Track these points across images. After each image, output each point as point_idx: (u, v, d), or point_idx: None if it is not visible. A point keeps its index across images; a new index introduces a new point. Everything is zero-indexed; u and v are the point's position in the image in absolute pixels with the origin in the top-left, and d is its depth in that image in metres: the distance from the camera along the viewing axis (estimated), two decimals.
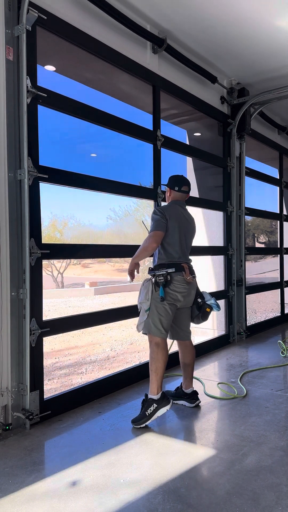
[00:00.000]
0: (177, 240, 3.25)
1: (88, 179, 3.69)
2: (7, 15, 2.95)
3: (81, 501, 2.16)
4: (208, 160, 5.47)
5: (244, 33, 4.40)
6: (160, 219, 3.18)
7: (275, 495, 2.18)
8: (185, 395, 3.43)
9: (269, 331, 6.45)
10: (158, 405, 3.05)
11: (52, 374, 5.65)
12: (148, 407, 3.05)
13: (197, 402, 3.42)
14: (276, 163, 7.42)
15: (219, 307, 3.42)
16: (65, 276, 24.43)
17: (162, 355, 3.14)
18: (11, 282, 2.98)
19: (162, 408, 3.05)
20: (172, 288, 3.17)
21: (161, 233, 3.16)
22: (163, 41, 4.28)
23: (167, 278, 3.15)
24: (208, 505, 2.11)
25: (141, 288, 3.28)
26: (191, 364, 3.46)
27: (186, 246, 3.35)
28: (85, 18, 3.59)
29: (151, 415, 3.03)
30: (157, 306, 3.15)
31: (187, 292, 3.25)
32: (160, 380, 3.11)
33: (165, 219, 3.19)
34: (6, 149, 2.94)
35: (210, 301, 3.37)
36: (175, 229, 3.23)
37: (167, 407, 3.07)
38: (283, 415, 3.21)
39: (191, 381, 3.47)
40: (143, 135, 4.27)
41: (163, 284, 3.13)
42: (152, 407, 3.04)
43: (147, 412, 3.04)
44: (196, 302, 3.36)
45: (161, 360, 3.12)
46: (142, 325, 3.21)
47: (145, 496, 2.19)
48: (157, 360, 3.12)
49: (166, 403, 3.07)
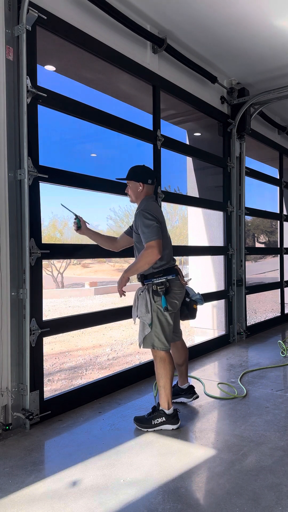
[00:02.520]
0: (167, 242, 3.05)
1: (88, 179, 3.69)
2: (7, 15, 2.95)
3: (81, 501, 2.16)
4: (208, 160, 5.47)
5: (244, 33, 4.40)
6: (156, 224, 2.86)
7: (275, 495, 2.18)
8: (182, 391, 3.43)
9: (269, 331, 6.45)
10: (167, 420, 2.98)
11: (54, 375, 5.65)
12: (157, 418, 2.99)
13: (195, 396, 3.40)
14: (276, 163, 7.42)
15: (203, 301, 3.26)
16: (65, 276, 24.43)
17: (169, 371, 3.01)
18: (11, 282, 2.98)
19: (168, 425, 2.98)
20: (172, 296, 2.98)
21: (161, 241, 2.87)
22: (163, 41, 4.28)
23: (167, 286, 2.94)
24: (208, 505, 2.11)
25: (137, 300, 3.03)
26: (185, 364, 3.44)
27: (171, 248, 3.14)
28: (85, 18, 3.59)
29: (156, 425, 2.97)
30: (160, 319, 2.95)
31: (182, 295, 3.12)
32: (169, 395, 3.02)
33: (158, 223, 2.90)
34: (6, 149, 2.94)
35: (195, 296, 3.23)
36: (164, 230, 3.03)
37: (173, 426, 2.98)
38: (283, 415, 3.21)
39: (186, 377, 3.45)
40: (143, 135, 4.27)
41: (163, 292, 2.92)
42: (161, 419, 2.98)
43: (154, 422, 2.98)
44: (184, 302, 3.19)
45: (169, 376, 3.01)
46: (145, 340, 3.01)
47: (145, 496, 2.19)
48: (165, 376, 3.00)
49: (175, 422, 2.99)
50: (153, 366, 4.28)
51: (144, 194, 3.11)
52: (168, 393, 3.01)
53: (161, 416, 2.99)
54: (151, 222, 2.86)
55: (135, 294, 3.12)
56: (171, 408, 3.01)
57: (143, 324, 3.01)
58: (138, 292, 3.06)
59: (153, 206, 3.03)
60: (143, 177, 3.09)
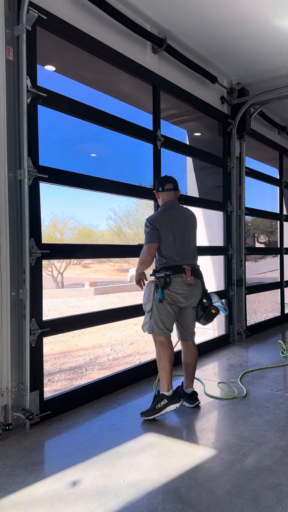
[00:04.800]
0: (172, 244, 3.28)
1: (88, 179, 3.69)
2: (7, 15, 2.95)
3: (81, 501, 2.16)
4: (208, 160, 5.47)
5: (244, 33, 4.40)
6: (151, 231, 3.26)
7: (275, 495, 2.18)
8: (185, 395, 3.43)
9: (269, 331, 6.45)
10: (169, 401, 3.16)
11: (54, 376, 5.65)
12: (159, 402, 3.16)
13: (197, 403, 3.42)
14: (276, 163, 7.42)
15: (226, 310, 3.45)
16: (65, 276, 24.41)
17: (168, 353, 3.24)
18: (11, 282, 2.98)
19: (172, 405, 3.17)
20: (171, 290, 3.22)
21: (154, 244, 3.26)
22: (163, 41, 4.28)
23: (166, 280, 3.21)
24: (208, 505, 2.11)
25: (145, 290, 3.36)
26: (192, 364, 3.46)
27: (187, 247, 3.36)
28: (85, 18, 3.59)
29: (160, 409, 3.14)
30: (158, 307, 3.23)
31: (187, 293, 3.27)
32: (169, 377, 3.23)
33: (155, 230, 3.26)
34: (6, 149, 2.94)
35: (217, 303, 3.36)
36: (168, 235, 3.27)
37: (177, 405, 3.18)
38: (283, 415, 3.21)
39: (192, 381, 3.47)
40: (143, 135, 4.27)
41: (162, 286, 3.21)
42: (163, 402, 3.15)
43: (157, 406, 3.15)
44: (201, 303, 3.36)
45: (167, 358, 3.23)
46: (146, 325, 3.31)
47: (145, 496, 2.19)
48: (163, 359, 3.23)
49: (176, 401, 3.19)
50: (153, 366, 4.29)
51: (161, 201, 3.49)
52: (168, 375, 3.22)
53: (162, 399, 3.16)
54: (147, 229, 3.29)
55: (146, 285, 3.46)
56: (171, 390, 3.20)
57: (145, 311, 3.32)
58: (148, 284, 3.40)
59: (159, 213, 3.39)
60: (156, 186, 3.53)
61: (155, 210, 4.40)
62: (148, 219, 3.33)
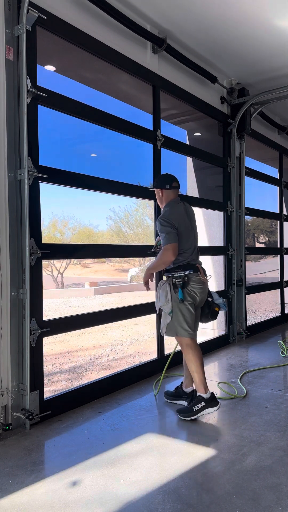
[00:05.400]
0: (186, 241, 3.25)
1: (88, 179, 3.69)
2: (7, 15, 2.95)
3: (81, 501, 2.16)
4: (208, 160, 5.47)
5: (244, 33, 4.40)
6: (171, 230, 3.14)
7: (275, 495, 2.18)
8: (185, 395, 3.43)
9: (269, 331, 6.45)
10: (206, 404, 3.13)
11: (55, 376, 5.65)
12: (197, 404, 3.13)
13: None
14: (276, 163, 7.42)
15: (226, 307, 3.44)
16: (65, 276, 24.41)
17: (198, 354, 3.20)
18: (11, 282, 2.98)
19: (209, 408, 3.14)
20: (189, 288, 3.19)
21: (176, 244, 3.14)
22: (163, 41, 4.28)
23: (185, 280, 3.16)
24: (208, 505, 2.11)
25: (159, 291, 3.29)
26: None
27: (196, 244, 3.37)
28: (85, 18, 3.59)
29: (198, 411, 3.12)
30: (179, 307, 3.17)
31: (202, 291, 3.27)
32: (203, 379, 3.18)
33: (175, 228, 3.16)
34: (6, 149, 2.94)
35: (218, 300, 3.39)
36: (182, 234, 3.22)
37: (214, 408, 3.15)
38: (283, 415, 3.21)
39: (191, 380, 3.47)
40: (143, 135, 4.27)
41: (181, 285, 3.15)
42: (201, 404, 3.12)
43: (195, 408, 3.13)
44: (206, 301, 3.37)
45: (197, 360, 3.19)
46: (165, 328, 3.23)
47: (145, 496, 2.19)
48: (194, 361, 3.18)
49: (214, 404, 3.16)
50: (153, 366, 4.29)
51: (166, 199, 3.37)
52: (202, 377, 3.17)
53: (200, 401, 3.12)
54: (166, 228, 3.14)
55: (157, 286, 3.38)
56: (208, 391, 3.16)
57: (164, 313, 3.22)
58: (160, 284, 3.32)
59: (172, 211, 3.27)
60: (161, 183, 3.38)
61: (155, 210, 4.40)
62: (164, 218, 3.21)
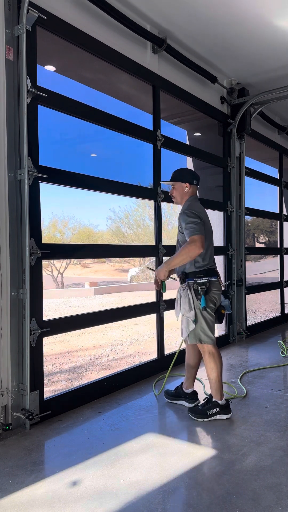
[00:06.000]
0: (208, 242, 3.12)
1: (88, 179, 3.69)
2: (7, 15, 2.95)
3: (81, 501, 2.16)
4: (208, 160, 5.47)
5: (244, 33, 4.40)
6: (199, 221, 2.96)
7: (275, 495, 2.18)
8: (185, 395, 3.43)
9: (269, 331, 6.45)
10: (221, 410, 3.13)
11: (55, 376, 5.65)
12: (212, 408, 3.13)
13: (196, 403, 3.41)
14: (276, 163, 7.42)
15: (230, 308, 3.41)
16: (65, 276, 24.41)
17: (219, 363, 3.17)
18: (11, 282, 2.98)
19: (222, 414, 3.14)
20: (211, 295, 3.12)
21: (203, 236, 2.95)
22: (163, 41, 4.28)
23: (207, 286, 3.07)
24: (208, 505, 2.11)
25: (180, 298, 3.19)
26: (196, 366, 3.45)
27: (212, 248, 3.25)
28: (85, 18, 3.59)
29: (211, 415, 3.12)
30: (203, 315, 3.10)
31: (219, 296, 3.22)
32: (221, 387, 3.17)
33: (202, 221, 3.01)
34: (6, 149, 2.94)
35: (224, 302, 3.33)
36: (207, 231, 3.10)
37: (227, 415, 3.15)
38: (283, 415, 3.21)
39: (192, 382, 3.47)
40: (143, 135, 4.27)
41: (204, 292, 3.05)
42: (215, 409, 3.12)
43: (209, 412, 3.12)
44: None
45: (219, 369, 3.16)
46: (189, 335, 3.14)
47: (145, 496, 2.19)
48: (216, 370, 3.15)
49: (228, 411, 3.15)
50: (153, 366, 4.29)
51: (189, 194, 3.24)
52: (220, 385, 3.16)
53: (215, 407, 3.12)
54: (194, 219, 2.96)
55: (177, 292, 3.26)
56: (224, 399, 3.16)
57: (187, 320, 3.14)
58: (180, 290, 3.21)
59: (197, 205, 3.18)
60: (189, 178, 3.23)
61: (155, 210, 4.40)
62: (191, 209, 3.04)
